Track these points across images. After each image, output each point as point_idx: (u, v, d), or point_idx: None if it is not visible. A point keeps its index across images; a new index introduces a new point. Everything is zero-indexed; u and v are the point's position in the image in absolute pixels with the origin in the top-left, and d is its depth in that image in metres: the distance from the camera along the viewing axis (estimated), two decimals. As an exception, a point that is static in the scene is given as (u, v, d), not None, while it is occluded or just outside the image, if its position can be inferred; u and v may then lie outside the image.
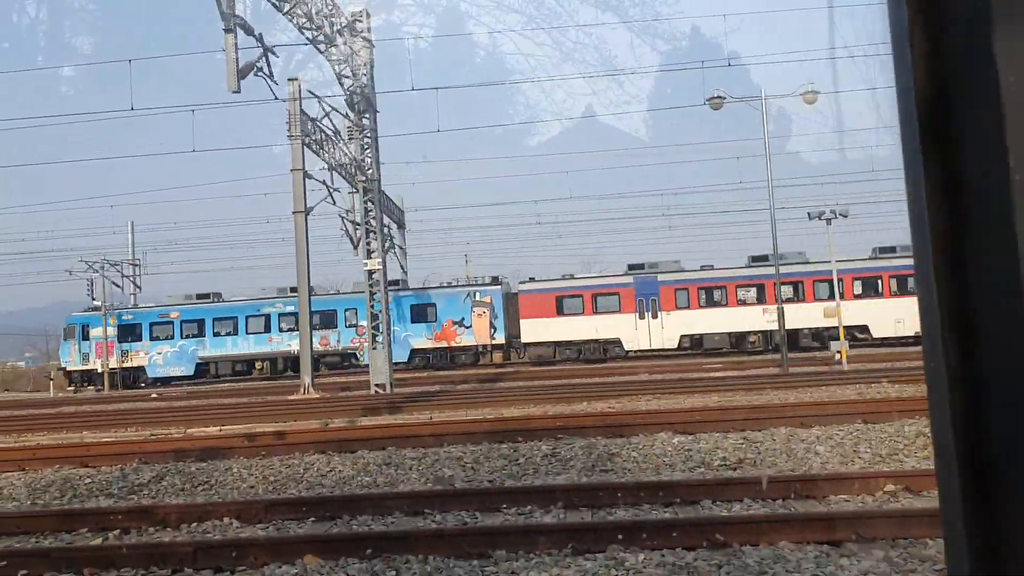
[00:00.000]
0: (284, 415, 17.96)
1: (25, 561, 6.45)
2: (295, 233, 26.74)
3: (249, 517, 7.85)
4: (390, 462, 10.48)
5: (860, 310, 36.01)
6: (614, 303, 38.06)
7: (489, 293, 39.59)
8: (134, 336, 42.22)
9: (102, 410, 23.77)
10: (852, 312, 34.80)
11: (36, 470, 11.62)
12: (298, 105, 25.77)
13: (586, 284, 38.53)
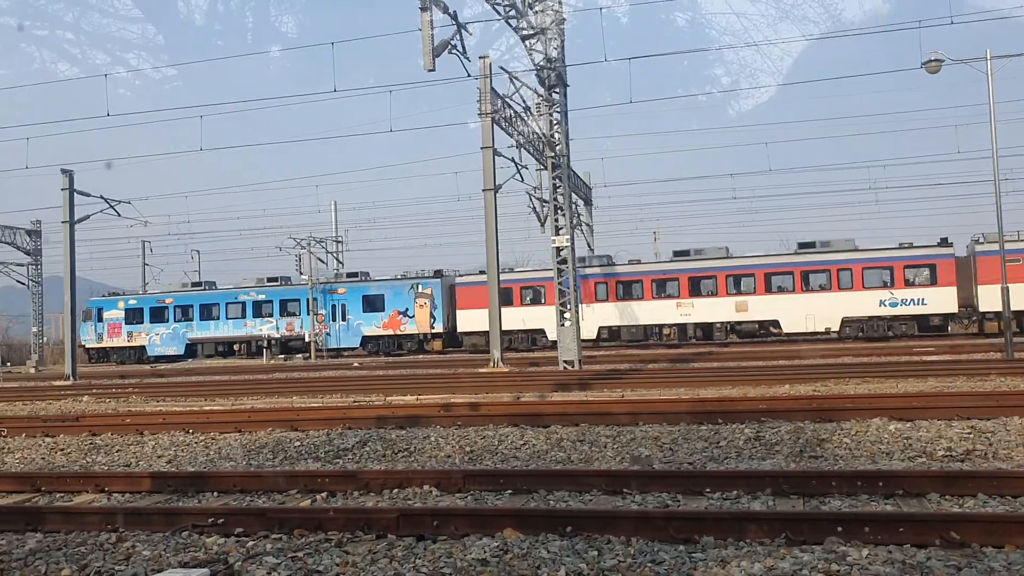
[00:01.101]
0: (476, 387, 18.24)
1: (241, 520, 6.72)
2: (485, 211, 27.08)
3: (448, 486, 7.89)
4: (584, 439, 10.31)
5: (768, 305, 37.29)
6: (540, 295, 40.11)
7: (430, 285, 42.70)
8: (138, 319, 47.98)
9: (310, 377, 25.09)
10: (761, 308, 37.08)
11: (251, 432, 12.30)
12: (488, 82, 25.98)
13: (515, 278, 40.63)
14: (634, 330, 39.05)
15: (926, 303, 35.55)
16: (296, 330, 45.26)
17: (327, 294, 45.36)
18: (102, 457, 11.20)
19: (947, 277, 35.31)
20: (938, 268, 35.49)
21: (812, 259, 37.18)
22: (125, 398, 20.54)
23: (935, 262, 35.68)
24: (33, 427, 14.00)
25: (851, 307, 36.34)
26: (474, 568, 5.28)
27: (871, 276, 36.40)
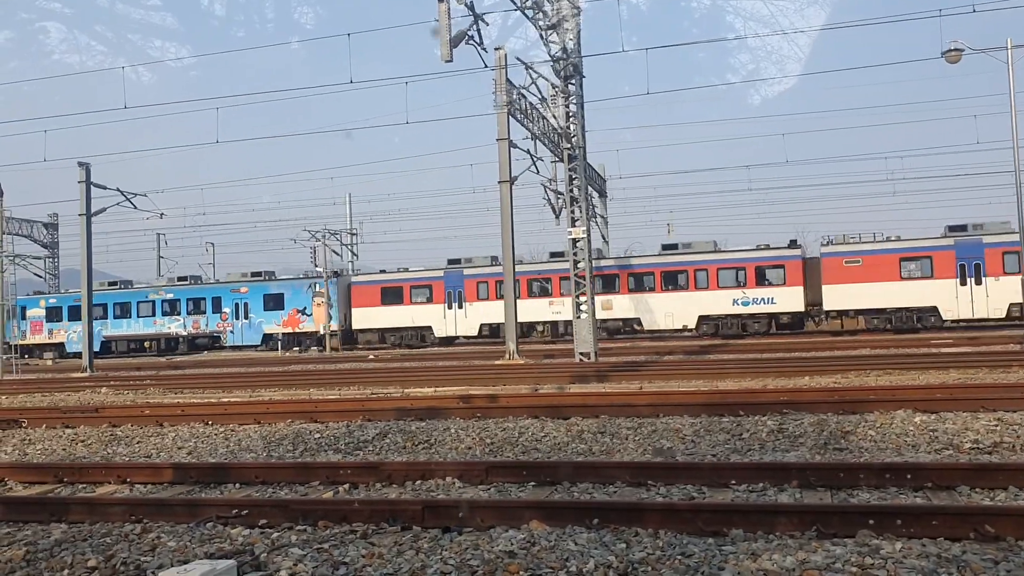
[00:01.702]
0: (493, 379, 18.20)
1: (265, 511, 6.70)
2: (500, 203, 27.06)
3: (470, 478, 7.84)
4: (605, 430, 10.25)
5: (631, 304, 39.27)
6: (428, 295, 42.75)
7: (327, 285, 44.59)
8: (57, 317, 49.96)
9: (326, 369, 25.13)
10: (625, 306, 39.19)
11: (270, 424, 12.30)
12: (504, 74, 25.91)
13: (405, 277, 43.51)
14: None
15: (776, 302, 37.38)
16: (202, 328, 47.02)
17: (231, 293, 46.89)
18: (123, 448, 11.22)
19: (795, 277, 37.08)
20: (787, 269, 37.23)
21: (672, 260, 39.06)
22: (143, 390, 20.60)
23: (784, 263, 37.45)
24: (53, 418, 14.05)
25: (707, 306, 38.10)
26: (501, 560, 5.23)
27: (726, 276, 37.94)
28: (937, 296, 34.97)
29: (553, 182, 29.11)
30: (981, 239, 34.84)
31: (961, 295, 34.78)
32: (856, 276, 35.67)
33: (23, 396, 20.47)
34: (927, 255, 35.43)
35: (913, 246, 35.67)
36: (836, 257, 36.18)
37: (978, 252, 34.74)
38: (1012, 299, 33.44)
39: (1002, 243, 34.19)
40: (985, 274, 34.58)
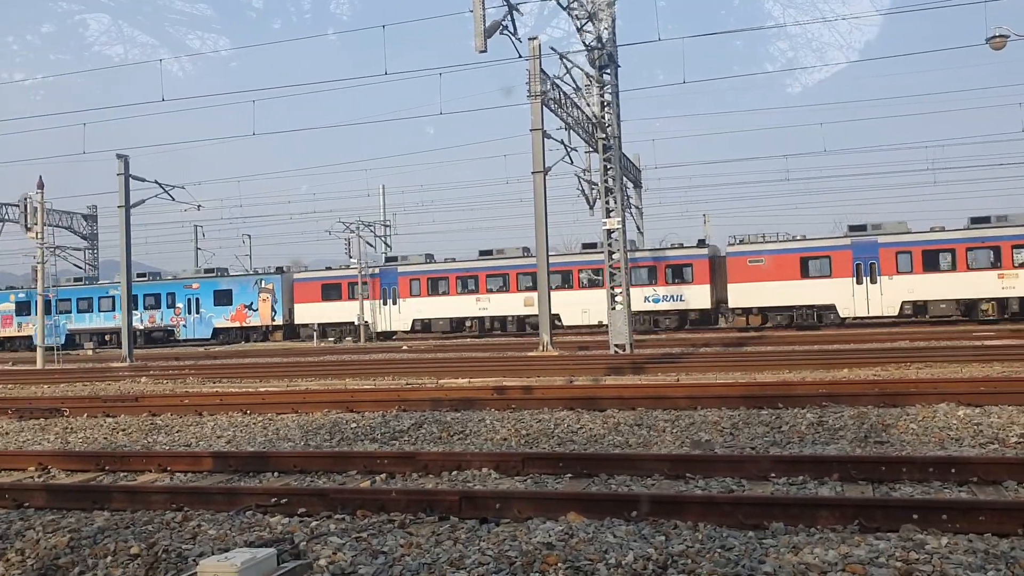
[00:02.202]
0: (527, 370, 18.19)
1: (303, 500, 6.74)
2: (534, 193, 26.98)
3: (507, 469, 7.83)
4: (642, 423, 10.19)
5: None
6: (366, 291, 44.89)
7: (272, 281, 46.81)
8: (26, 311, 51.07)
9: (361, 359, 25.28)
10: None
11: (307, 413, 12.38)
12: (538, 64, 25.80)
13: (343, 274, 45.79)
14: (442, 322, 43.62)
15: (684, 299, 38.98)
16: (157, 322, 49.51)
17: (184, 289, 49.36)
18: (163, 437, 11.35)
19: (703, 276, 38.62)
20: (694, 268, 38.81)
21: (587, 259, 40.53)
22: (182, 379, 20.86)
23: (692, 262, 39.03)
24: (95, 407, 14.26)
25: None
26: (539, 552, 5.21)
27: (639, 274, 38.24)
28: (835, 295, 36.31)
29: (587, 172, 29.00)
30: (876, 239, 36.02)
31: (857, 293, 36.02)
32: (759, 275, 37.07)
33: (64, 385, 20.82)
34: (826, 255, 36.75)
35: (813, 246, 37.12)
36: (741, 257, 37.51)
37: (873, 252, 35.90)
38: (905, 297, 35.07)
39: (896, 243, 35.61)
40: (880, 273, 35.75)
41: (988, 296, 34.42)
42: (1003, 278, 34.03)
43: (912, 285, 35.05)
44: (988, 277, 34.21)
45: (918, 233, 36.09)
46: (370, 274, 45.23)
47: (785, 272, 36.67)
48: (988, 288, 34.29)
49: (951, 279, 34.93)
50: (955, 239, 35.11)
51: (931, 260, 35.13)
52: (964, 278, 34.49)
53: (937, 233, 35.91)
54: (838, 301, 36.28)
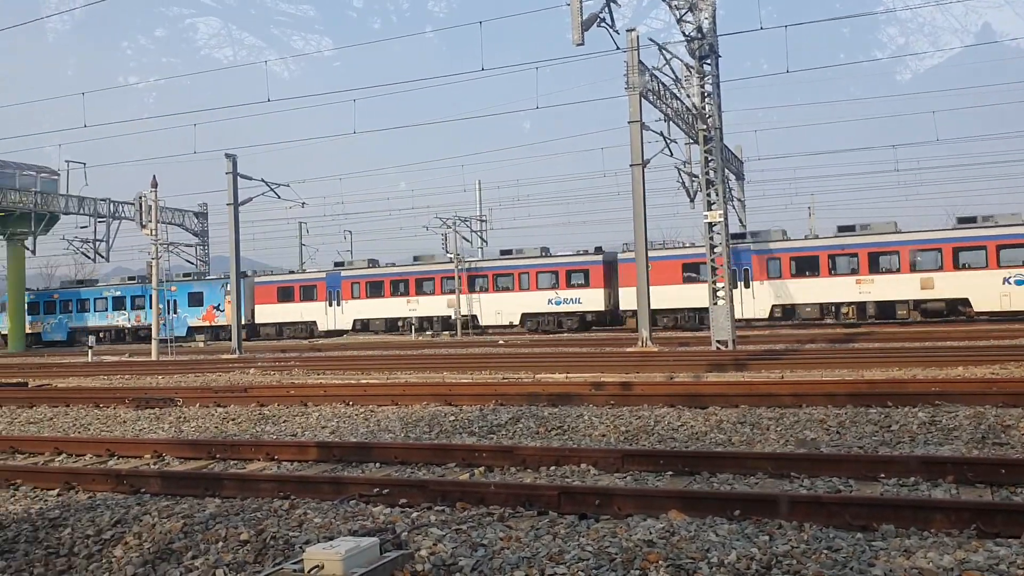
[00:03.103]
0: (626, 366, 18.03)
1: (405, 491, 6.84)
2: (632, 186, 26.74)
3: (606, 465, 7.77)
4: (745, 420, 9.97)
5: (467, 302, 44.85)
6: (313, 294, 48.69)
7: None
8: (35, 311, 56.83)
9: (458, 353, 25.54)
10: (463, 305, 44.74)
11: (407, 405, 12.57)
12: (636, 55, 25.56)
13: (295, 278, 50.04)
14: (379, 322, 47.49)
15: (581, 302, 42.25)
16: (143, 321, 53.07)
17: (164, 291, 51.39)
18: (270, 427, 11.70)
19: (598, 281, 41.81)
20: (590, 273, 42.03)
21: (501, 264, 44.81)
22: (288, 371, 21.47)
23: (588, 268, 42.23)
24: (206, 397, 14.80)
25: (528, 305, 43.34)
26: (640, 549, 5.15)
27: (544, 279, 42.94)
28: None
29: (687, 164, 28.63)
30: (750, 247, 39.03)
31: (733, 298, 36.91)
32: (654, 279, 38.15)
33: (178, 376, 21.68)
34: (704, 262, 38.19)
35: (693, 253, 39.76)
36: (631, 263, 38.68)
37: (747, 260, 38.85)
38: (774, 301, 38.27)
39: (766, 251, 38.75)
40: (752, 279, 38.80)
41: (848, 300, 37.37)
42: (860, 283, 36.93)
43: (781, 290, 38.44)
44: (848, 283, 37.10)
45: (787, 241, 39.04)
46: (318, 278, 49.27)
47: (669, 277, 39.65)
48: (848, 293, 37.20)
49: (815, 284, 37.82)
50: (819, 247, 38.34)
51: (798, 267, 38.26)
52: (827, 283, 37.49)
53: (804, 241, 39.10)
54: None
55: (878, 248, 36.71)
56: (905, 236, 36.54)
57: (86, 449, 10.26)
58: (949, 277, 35.27)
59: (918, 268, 36.02)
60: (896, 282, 36.27)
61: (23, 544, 5.99)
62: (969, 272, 35.26)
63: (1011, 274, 34.42)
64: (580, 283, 42.29)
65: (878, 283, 36.38)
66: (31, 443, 10.77)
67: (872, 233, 37.02)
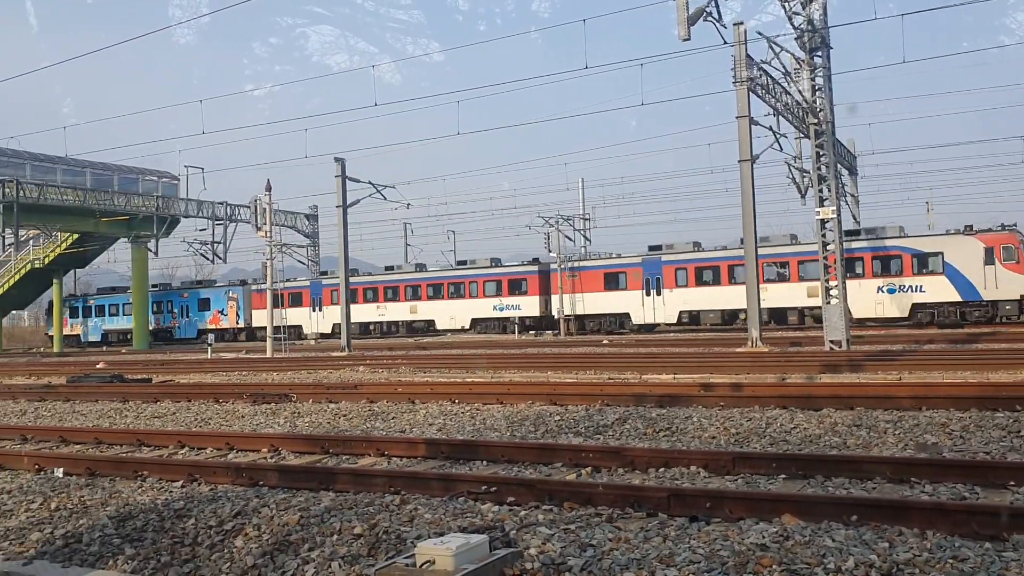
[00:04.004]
0: (735, 367, 17.69)
1: (512, 489, 6.87)
2: (741, 183, 26.17)
3: (716, 468, 7.64)
4: (861, 423, 9.64)
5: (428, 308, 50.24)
6: (299, 300, 53.98)
7: (237, 291, 56.80)
8: (76, 314, 64.20)
9: (562, 353, 25.55)
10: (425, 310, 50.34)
11: (512, 404, 12.64)
12: (743, 49, 24.98)
13: (287, 286, 51.44)
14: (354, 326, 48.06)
15: (521, 308, 47.07)
16: (161, 324, 60.20)
17: (179, 297, 60.18)
18: (379, 423, 11.94)
19: (534, 289, 46.69)
20: (528, 282, 46.89)
21: (455, 274, 49.86)
22: (395, 368, 21.89)
23: (526, 277, 47.16)
24: (319, 394, 15.23)
25: (477, 310, 48.18)
26: (752, 553, 5.03)
27: (489, 287, 47.80)
28: (629, 304, 43.33)
29: (798, 160, 27.82)
30: (661, 258, 42.70)
31: (646, 304, 42.77)
32: (575, 288, 45.06)
33: (291, 373, 22.38)
34: (623, 271, 43.84)
35: (614, 263, 44.47)
36: (562, 272, 45.64)
37: (659, 269, 42.51)
38: (681, 308, 41.90)
39: (675, 261, 42.26)
40: (663, 287, 42.37)
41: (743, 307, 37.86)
42: None
43: (687, 297, 41.76)
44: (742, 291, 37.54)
45: (694, 252, 42.30)
46: (301, 286, 54.70)
47: (593, 285, 44.12)
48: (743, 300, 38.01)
49: (716, 292, 40.99)
50: (720, 257, 41.30)
51: (701, 276, 41.54)
52: (726, 291, 40.34)
53: (709, 252, 42.13)
54: (632, 310, 43.27)
55: (771, 259, 39.36)
56: (793, 248, 40.12)
57: (207, 442, 10.70)
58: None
59: (805, 278, 38.71)
60: (787, 290, 39.58)
61: (151, 533, 6.28)
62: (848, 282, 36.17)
63: (884, 284, 37.64)
64: (520, 291, 47.07)
65: (771, 291, 38.48)
66: (156, 436, 11.30)
67: (768, 245, 39.30)
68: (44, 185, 48.76)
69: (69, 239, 55.65)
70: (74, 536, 6.39)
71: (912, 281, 37.05)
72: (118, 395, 17.10)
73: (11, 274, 57.53)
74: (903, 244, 37.46)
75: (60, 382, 21.94)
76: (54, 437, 11.80)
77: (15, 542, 6.46)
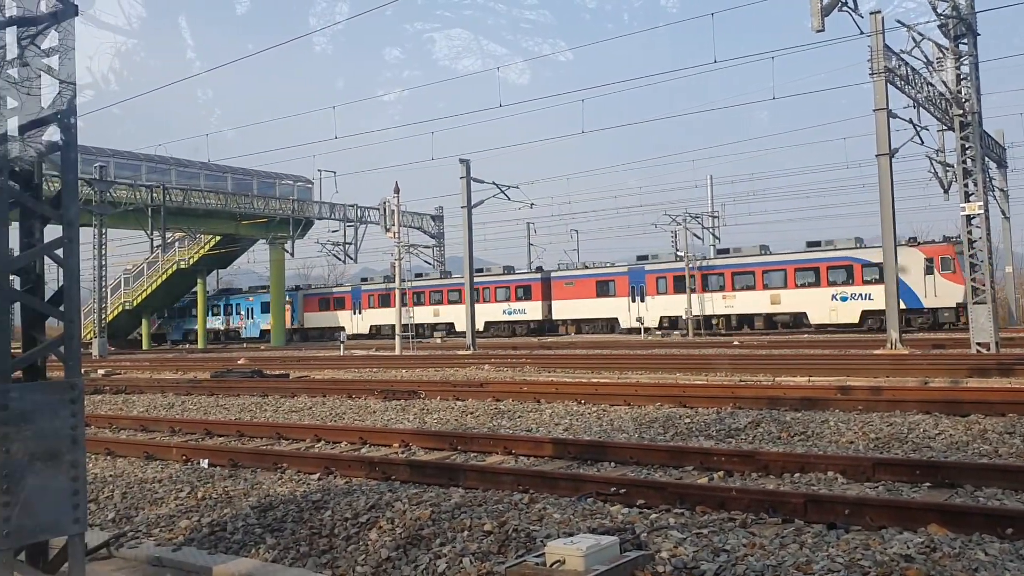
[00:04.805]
0: (873, 369, 16.97)
1: (642, 491, 6.78)
2: (879, 178, 25.12)
3: (855, 474, 7.33)
4: (1014, 431, 9.09)
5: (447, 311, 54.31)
6: (343, 304, 60.06)
7: (292, 296, 62.21)
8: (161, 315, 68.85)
9: (690, 354, 25.13)
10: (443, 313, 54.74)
11: (639, 406, 12.49)
12: (881, 39, 23.96)
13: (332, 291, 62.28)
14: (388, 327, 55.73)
15: (526, 312, 50.79)
16: (231, 325, 66.12)
17: (246, 301, 65.79)
18: (506, 421, 12.03)
19: (537, 295, 50.50)
20: (532, 288, 50.61)
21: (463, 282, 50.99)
22: (520, 367, 22.02)
23: (531, 284, 50.87)
24: (446, 391, 15.47)
25: (490, 314, 51.51)
26: (896, 563, 4.80)
27: (500, 293, 51.57)
28: (617, 310, 47.01)
29: (940, 153, 26.49)
30: (644, 267, 46.76)
31: (632, 309, 46.62)
32: (571, 294, 49.19)
33: (419, 370, 22.82)
34: (612, 279, 47.57)
35: (605, 272, 48.37)
36: (560, 280, 50.27)
37: (642, 278, 46.61)
38: (662, 313, 45.90)
39: (656, 270, 46.19)
40: (646, 294, 46.27)
41: (717, 313, 44.37)
42: (726, 299, 43.96)
43: (667, 303, 45.69)
44: (716, 297, 44.20)
45: (673, 262, 46.19)
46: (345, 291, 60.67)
47: (587, 292, 47.94)
48: (716, 306, 44.25)
49: (693, 298, 44.58)
50: (696, 267, 44.97)
51: (678, 284, 45.17)
52: (700, 298, 44.60)
53: (676, 263, 46.01)
54: (620, 315, 46.98)
55: (738, 269, 43.48)
56: (760, 259, 43.23)
57: (341, 437, 11.02)
58: (792, 294, 41.84)
59: (770, 286, 42.36)
60: (753, 298, 42.97)
61: (290, 524, 6.51)
62: (807, 290, 41.30)
63: (838, 292, 40.29)
64: (525, 297, 50.82)
65: (740, 298, 43.26)
66: (294, 430, 11.73)
67: (734, 256, 44.34)
68: (189, 190, 51.46)
69: (212, 241, 58.52)
70: (219, 525, 6.69)
71: (862, 289, 39.76)
72: (258, 390, 17.86)
73: (159, 275, 60.95)
74: (855, 255, 40.28)
75: (204, 377, 23.08)
76: (200, 429, 12.42)
77: (165, 529, 6.82)
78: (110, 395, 18.86)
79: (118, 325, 61.21)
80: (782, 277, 41.94)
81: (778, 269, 42.26)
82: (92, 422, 13.30)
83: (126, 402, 17.52)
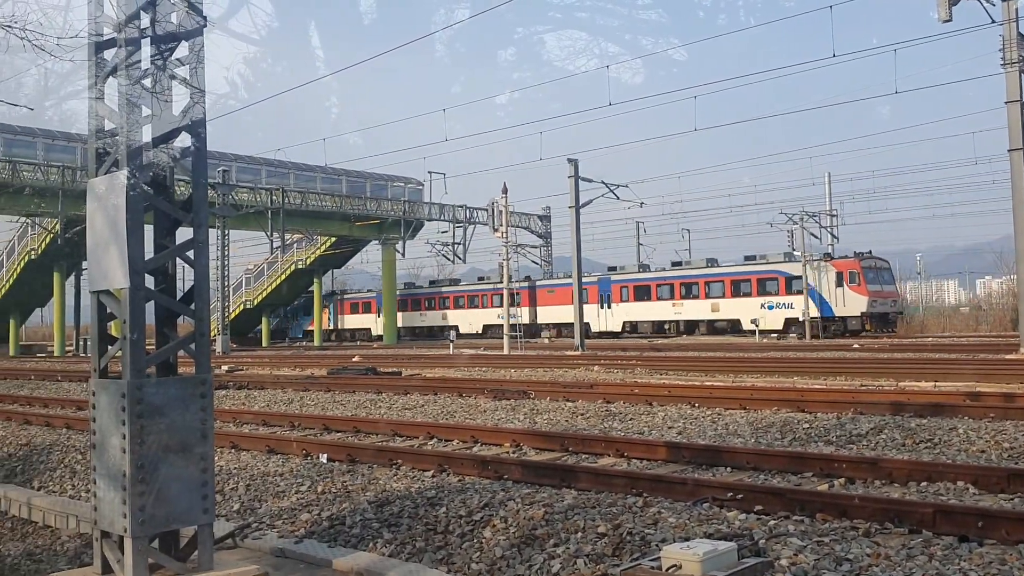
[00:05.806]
0: (1005, 375, 16.12)
1: (760, 497, 6.62)
2: (1011, 174, 23.89)
3: (987, 484, 6.97)
4: None
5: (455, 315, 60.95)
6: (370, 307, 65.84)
7: (329, 301, 67.90)
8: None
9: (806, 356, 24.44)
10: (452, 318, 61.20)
11: (755, 410, 12.20)
12: (1014, 28, 22.82)
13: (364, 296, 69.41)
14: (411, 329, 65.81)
15: (519, 317, 50.43)
16: (280, 325, 71.72)
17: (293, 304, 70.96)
18: (617, 423, 11.94)
19: (525, 301, 54.91)
20: (523, 295, 53.72)
21: (473, 288, 60.89)
22: (631, 369, 21.85)
23: (522, 292, 53.39)
24: (555, 392, 15.48)
25: (487, 319, 57.60)
26: (1037, 582, 4.54)
27: (496, 299, 54.20)
28: (588, 315, 48.64)
29: (1078, 147, 24.93)
30: (610, 277, 52.78)
31: (600, 315, 52.17)
32: (551, 301, 54.79)
33: (527, 370, 22.91)
34: (585, 288, 47.31)
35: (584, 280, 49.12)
36: (543, 288, 56.19)
37: (608, 287, 52.32)
38: (625, 319, 51.65)
39: (619, 280, 52.24)
40: (611, 301, 51.94)
41: (669, 319, 50.13)
42: (675, 307, 49.46)
43: (628, 310, 51.39)
44: (667, 305, 49.77)
45: (635, 273, 53.15)
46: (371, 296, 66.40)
47: (564, 300, 50.21)
48: (668, 313, 50.00)
49: (649, 306, 50.56)
50: (652, 278, 51.46)
51: (638, 293, 51.03)
52: (655, 306, 50.21)
53: (644, 273, 52.67)
54: (591, 320, 50.48)
55: (686, 280, 49.29)
56: (701, 271, 49.02)
57: (453, 435, 11.16)
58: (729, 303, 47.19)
59: (711, 296, 47.95)
60: (697, 306, 48.54)
61: (406, 519, 6.63)
62: (740, 299, 46.65)
63: (766, 301, 45.49)
64: (518, 303, 52.00)
65: (687, 306, 48.89)
66: (408, 427, 11.94)
67: (685, 268, 50.59)
68: (306, 192, 53.16)
69: (328, 242, 60.28)
70: (338, 518, 6.87)
71: (786, 299, 44.96)
72: (372, 387, 18.27)
73: (278, 275, 63.18)
74: (780, 268, 45.39)
75: (321, 374, 23.77)
76: (318, 425, 12.78)
77: (287, 521, 7.05)
78: (233, 390, 19.61)
79: (239, 323, 63.71)
80: (721, 288, 47.65)
81: (717, 280, 48.14)
82: (217, 416, 13.86)
83: (248, 397, 18.20)
